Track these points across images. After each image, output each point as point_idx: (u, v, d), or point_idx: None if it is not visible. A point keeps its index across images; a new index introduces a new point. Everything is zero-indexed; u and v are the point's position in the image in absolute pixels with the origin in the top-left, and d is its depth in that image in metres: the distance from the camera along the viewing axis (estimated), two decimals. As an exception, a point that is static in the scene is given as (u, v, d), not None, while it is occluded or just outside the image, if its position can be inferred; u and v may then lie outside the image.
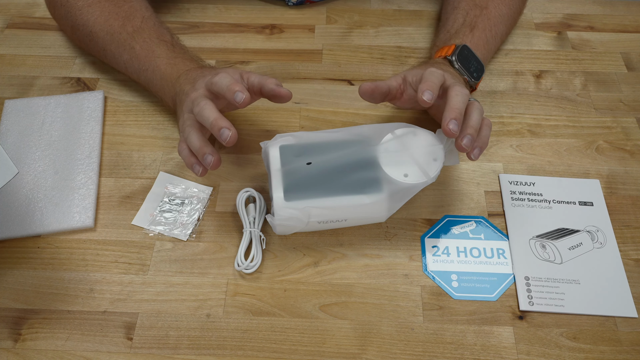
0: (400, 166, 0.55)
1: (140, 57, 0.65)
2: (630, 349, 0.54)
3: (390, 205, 0.56)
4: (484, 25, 0.70)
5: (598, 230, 0.61)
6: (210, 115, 0.54)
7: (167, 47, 0.66)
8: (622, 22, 0.82)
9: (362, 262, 0.59)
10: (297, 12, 0.83)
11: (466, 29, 0.69)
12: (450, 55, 0.65)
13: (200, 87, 0.58)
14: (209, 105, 0.55)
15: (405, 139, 0.57)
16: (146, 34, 0.66)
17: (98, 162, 0.65)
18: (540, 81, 0.75)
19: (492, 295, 0.57)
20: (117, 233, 0.61)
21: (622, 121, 0.71)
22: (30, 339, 0.54)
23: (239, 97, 0.54)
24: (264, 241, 0.59)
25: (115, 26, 0.67)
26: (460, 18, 0.70)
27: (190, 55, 0.66)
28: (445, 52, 0.65)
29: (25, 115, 0.69)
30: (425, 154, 0.56)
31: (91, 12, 0.68)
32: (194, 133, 0.56)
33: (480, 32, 0.69)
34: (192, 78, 0.60)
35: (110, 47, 0.67)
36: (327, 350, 0.54)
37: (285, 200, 0.54)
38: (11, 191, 0.62)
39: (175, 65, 0.64)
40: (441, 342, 0.54)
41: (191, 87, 0.59)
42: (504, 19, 0.72)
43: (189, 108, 0.57)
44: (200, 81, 0.58)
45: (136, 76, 0.67)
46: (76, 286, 0.57)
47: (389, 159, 0.56)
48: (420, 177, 0.55)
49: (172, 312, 0.56)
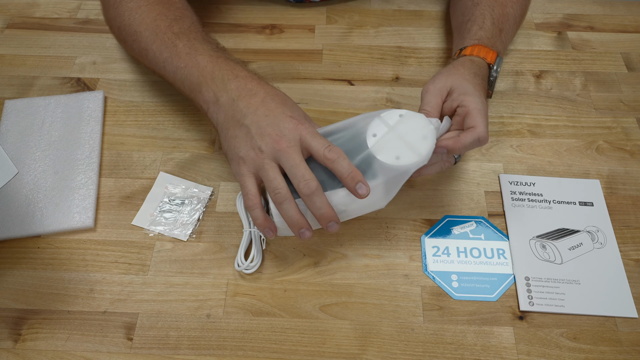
0: (391, 150, 0.53)
1: (181, 55, 0.60)
2: (630, 349, 0.54)
3: (387, 190, 0.55)
4: (506, 29, 0.68)
5: (598, 231, 0.61)
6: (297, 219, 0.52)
7: (211, 46, 0.61)
8: (622, 22, 0.82)
9: (362, 263, 0.59)
10: (297, 12, 0.83)
11: (496, 30, 0.66)
12: (494, 65, 0.63)
13: (292, 138, 0.52)
14: (292, 205, 0.52)
15: (393, 122, 0.55)
16: (192, 34, 0.62)
17: (98, 162, 0.65)
18: (541, 81, 0.75)
19: (492, 296, 0.57)
20: (117, 233, 0.61)
21: (622, 121, 0.71)
22: (30, 339, 0.54)
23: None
24: (264, 241, 0.59)
25: (161, 26, 0.63)
26: (487, 16, 0.67)
27: (235, 58, 0.62)
28: (485, 53, 0.63)
29: (25, 115, 0.69)
30: (415, 134, 0.54)
31: (140, 13, 0.65)
32: (289, 203, 0.52)
33: (504, 35, 0.68)
34: (254, 96, 0.55)
35: (152, 45, 0.63)
36: (327, 350, 0.54)
37: None
38: (11, 191, 0.62)
39: (217, 62, 0.59)
40: (441, 343, 0.54)
41: (273, 126, 0.53)
42: (517, 20, 0.71)
43: (275, 157, 0.52)
44: (271, 136, 0.52)
45: (173, 75, 0.61)
46: (76, 286, 0.57)
47: (379, 144, 0.54)
48: (412, 157, 0.53)
49: (172, 313, 0.56)
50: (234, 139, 0.55)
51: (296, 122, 0.53)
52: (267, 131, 0.53)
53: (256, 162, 0.53)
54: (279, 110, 0.54)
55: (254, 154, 0.53)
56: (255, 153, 0.53)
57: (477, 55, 0.63)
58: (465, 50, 0.63)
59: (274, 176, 0.52)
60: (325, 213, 0.51)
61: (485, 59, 0.63)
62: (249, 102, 0.55)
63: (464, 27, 0.68)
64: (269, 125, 0.53)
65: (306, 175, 0.51)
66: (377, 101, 0.73)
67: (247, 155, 0.53)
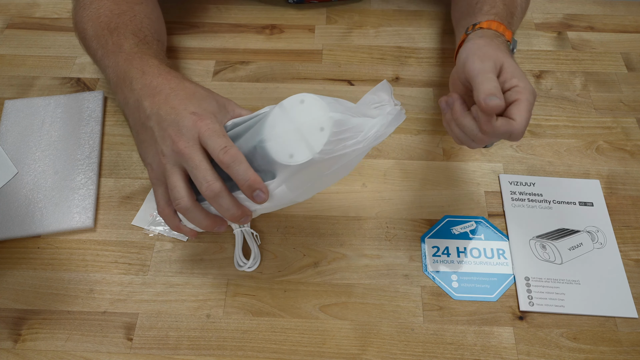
0: (285, 145, 0.45)
1: (109, 53, 0.57)
2: (630, 350, 0.54)
3: (294, 187, 0.47)
4: (517, 15, 0.63)
5: (598, 231, 0.61)
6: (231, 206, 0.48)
7: (136, 41, 0.57)
8: (622, 22, 0.82)
9: (362, 263, 0.59)
10: (297, 12, 0.83)
11: (508, 12, 0.61)
12: (511, 44, 0.57)
13: (191, 137, 0.48)
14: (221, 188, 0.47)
15: (293, 111, 0.46)
16: (124, 29, 0.58)
17: (98, 162, 0.65)
18: (540, 81, 0.75)
19: (492, 296, 0.57)
20: (117, 233, 0.61)
21: (622, 121, 0.71)
22: (30, 340, 0.54)
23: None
24: (257, 237, 0.59)
25: (103, 22, 0.60)
26: None
27: (155, 51, 0.58)
28: (503, 29, 0.57)
29: (25, 115, 0.69)
30: (312, 124, 0.45)
31: (90, 9, 0.63)
32: (192, 212, 0.48)
33: (515, 20, 0.63)
34: (158, 94, 0.51)
35: (92, 43, 0.60)
36: (327, 350, 0.54)
37: None
38: (11, 191, 0.62)
39: (131, 60, 0.55)
40: (441, 343, 0.54)
41: (173, 126, 0.48)
42: (523, 11, 0.67)
43: (176, 161, 0.48)
44: (186, 120, 0.48)
45: (105, 75, 0.59)
46: (76, 287, 0.57)
47: (274, 139, 0.46)
48: (304, 154, 0.44)
49: (172, 313, 0.56)
50: (142, 143, 0.51)
51: (196, 119, 0.48)
52: (167, 132, 0.48)
53: (160, 169, 0.49)
54: (181, 107, 0.49)
55: (159, 159, 0.49)
56: (159, 158, 0.49)
57: (496, 30, 0.56)
58: (482, 24, 0.57)
59: (174, 184, 0.48)
60: (235, 214, 0.48)
61: (505, 35, 0.56)
62: (152, 101, 0.50)
63: (474, 7, 0.62)
64: (169, 125, 0.49)
65: (207, 177, 0.46)
66: (377, 101, 0.72)
67: (154, 162, 0.50)
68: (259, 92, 0.73)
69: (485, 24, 0.57)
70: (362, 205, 0.63)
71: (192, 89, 0.52)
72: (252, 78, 0.75)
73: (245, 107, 0.53)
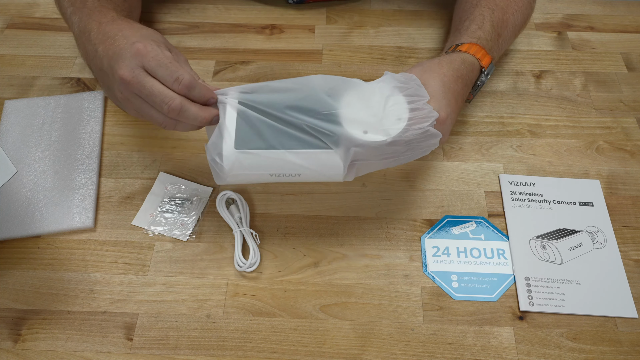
0: (360, 122, 0.51)
1: (76, 10, 0.60)
2: (630, 350, 0.54)
3: (346, 163, 0.51)
4: (504, 35, 0.66)
5: (598, 231, 0.61)
6: None
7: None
8: (622, 22, 0.82)
9: (362, 263, 0.59)
10: (297, 13, 0.83)
11: (495, 34, 0.64)
12: (486, 70, 0.61)
13: (135, 65, 0.50)
14: None
15: (376, 94, 0.52)
16: None
17: (98, 162, 0.65)
18: (541, 81, 0.75)
19: (492, 296, 0.57)
20: (117, 233, 0.61)
21: (622, 121, 0.71)
22: (30, 340, 0.54)
23: None
24: (257, 237, 0.59)
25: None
26: (487, 17, 0.65)
27: (115, 6, 0.60)
28: (481, 55, 0.61)
29: (25, 115, 0.69)
30: (390, 112, 0.51)
31: None
32: None
33: (502, 41, 0.66)
34: (110, 38, 0.53)
35: (64, 2, 0.62)
36: (327, 350, 0.54)
37: (235, 147, 0.51)
38: (11, 191, 0.62)
39: (91, 14, 0.57)
40: (441, 343, 0.54)
41: (119, 60, 0.50)
42: (517, 29, 0.70)
43: (131, 92, 0.51)
44: (128, 60, 0.50)
45: (73, 33, 0.61)
46: (76, 287, 0.57)
47: (350, 114, 0.51)
48: (379, 135, 0.50)
49: (172, 313, 0.56)
50: (107, 89, 0.54)
51: (138, 48, 0.50)
52: (114, 69, 0.50)
53: (128, 104, 0.52)
54: (126, 42, 0.51)
55: (120, 97, 0.52)
56: (121, 96, 0.51)
57: (474, 55, 0.61)
58: (462, 47, 0.61)
59: (150, 96, 0.49)
60: (205, 117, 0.50)
61: (480, 62, 0.61)
62: (104, 46, 0.53)
63: (462, 25, 0.66)
64: (116, 61, 0.51)
65: (165, 99, 0.49)
66: (377, 101, 0.72)
67: (120, 102, 0.53)
68: (259, 92, 0.73)
69: (465, 47, 0.61)
70: (362, 205, 0.63)
71: (140, 28, 0.54)
72: (252, 78, 0.75)
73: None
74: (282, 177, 0.53)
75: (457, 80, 0.57)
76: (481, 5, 0.67)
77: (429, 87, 0.54)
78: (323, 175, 0.54)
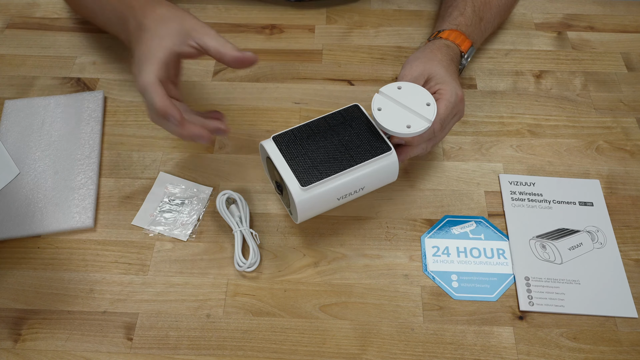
0: (399, 120, 0.55)
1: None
2: (630, 349, 0.54)
3: None
4: (487, 17, 0.70)
5: (598, 231, 0.61)
6: None
7: None
8: (622, 22, 0.82)
9: (362, 263, 0.59)
10: (297, 12, 0.83)
11: (476, 18, 0.69)
12: (466, 54, 0.66)
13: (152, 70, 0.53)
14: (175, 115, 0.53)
15: (394, 94, 0.57)
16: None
17: (98, 162, 0.65)
18: (540, 81, 0.75)
19: (492, 296, 0.57)
20: (117, 233, 0.61)
21: (622, 121, 0.71)
22: (30, 340, 0.54)
23: None
24: (257, 237, 0.59)
25: None
26: (469, 2, 0.69)
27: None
28: (460, 41, 0.65)
29: (25, 115, 0.69)
30: (417, 101, 0.56)
31: None
32: None
33: (484, 24, 0.70)
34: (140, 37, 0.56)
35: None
36: (327, 350, 0.54)
37: (301, 186, 0.53)
38: (11, 191, 0.62)
39: None
40: (441, 343, 0.54)
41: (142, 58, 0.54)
42: (502, 10, 0.73)
43: None
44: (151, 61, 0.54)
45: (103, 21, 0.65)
46: (76, 286, 0.57)
47: (385, 117, 0.56)
48: (422, 123, 0.55)
49: (172, 313, 0.56)
50: None
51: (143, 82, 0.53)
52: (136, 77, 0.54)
53: None
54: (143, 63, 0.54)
55: None
56: None
57: (453, 41, 0.65)
58: (443, 34, 0.66)
59: None
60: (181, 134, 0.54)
61: (460, 47, 0.65)
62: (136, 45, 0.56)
63: (446, 12, 0.70)
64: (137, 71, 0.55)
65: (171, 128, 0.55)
66: (377, 101, 0.72)
67: None
68: (259, 92, 0.73)
69: (446, 34, 0.66)
70: (362, 205, 0.63)
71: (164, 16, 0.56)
72: (252, 78, 0.75)
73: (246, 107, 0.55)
74: (348, 197, 0.57)
75: (451, 63, 0.62)
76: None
77: (437, 75, 0.59)
78: (383, 181, 0.58)
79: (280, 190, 0.58)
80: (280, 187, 0.58)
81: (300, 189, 0.53)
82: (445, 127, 0.60)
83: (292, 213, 0.57)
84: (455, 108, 0.59)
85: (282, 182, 0.55)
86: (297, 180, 0.53)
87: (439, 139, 0.61)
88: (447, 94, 0.58)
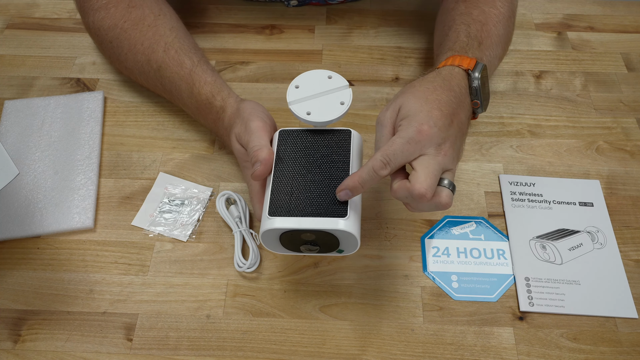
0: (307, 107, 0.53)
1: (171, 93, 0.65)
2: (630, 350, 0.54)
3: None
4: (488, 43, 0.61)
5: (598, 231, 0.61)
6: None
7: (187, 85, 0.62)
8: (622, 23, 0.82)
9: (362, 263, 0.59)
10: (297, 13, 0.83)
11: (473, 42, 0.60)
12: (473, 70, 0.54)
13: None
14: None
15: (320, 83, 0.54)
16: (169, 70, 0.63)
17: (98, 162, 0.65)
18: (540, 81, 0.75)
19: (492, 296, 0.57)
20: (117, 234, 0.61)
21: (622, 121, 0.71)
22: (30, 340, 0.54)
23: None
24: (256, 237, 0.59)
25: (141, 61, 0.64)
26: (462, 32, 0.61)
27: (212, 69, 0.64)
28: (460, 61, 0.55)
29: (25, 115, 0.69)
30: (334, 99, 0.53)
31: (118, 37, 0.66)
32: None
33: (485, 48, 0.60)
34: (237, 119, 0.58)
35: (140, 78, 0.67)
36: (327, 351, 0.54)
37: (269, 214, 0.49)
38: (11, 192, 0.62)
39: (206, 86, 0.61)
40: (441, 343, 0.54)
41: None
42: (502, 39, 0.64)
43: None
44: None
45: (162, 86, 0.66)
46: (76, 287, 0.57)
47: (299, 99, 0.53)
48: (324, 116, 0.52)
49: (172, 313, 0.56)
50: None
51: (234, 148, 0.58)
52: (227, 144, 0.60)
53: None
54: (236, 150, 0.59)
55: None
56: None
57: (452, 65, 0.55)
58: (439, 66, 0.56)
59: None
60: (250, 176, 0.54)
61: (461, 66, 0.54)
62: (227, 140, 0.60)
63: (439, 50, 0.63)
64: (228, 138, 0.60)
65: None
66: (377, 101, 0.72)
67: None
68: (259, 92, 0.73)
69: (442, 64, 0.56)
70: (362, 206, 0.63)
71: (243, 114, 0.58)
72: (252, 78, 0.75)
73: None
74: None
75: (435, 91, 0.51)
76: (456, 24, 0.63)
77: (404, 107, 0.50)
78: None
79: (315, 244, 0.51)
80: (315, 243, 0.51)
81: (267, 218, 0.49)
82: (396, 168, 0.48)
83: None
84: (413, 146, 0.47)
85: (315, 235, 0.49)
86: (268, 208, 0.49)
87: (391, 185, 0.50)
88: (403, 129, 0.48)
